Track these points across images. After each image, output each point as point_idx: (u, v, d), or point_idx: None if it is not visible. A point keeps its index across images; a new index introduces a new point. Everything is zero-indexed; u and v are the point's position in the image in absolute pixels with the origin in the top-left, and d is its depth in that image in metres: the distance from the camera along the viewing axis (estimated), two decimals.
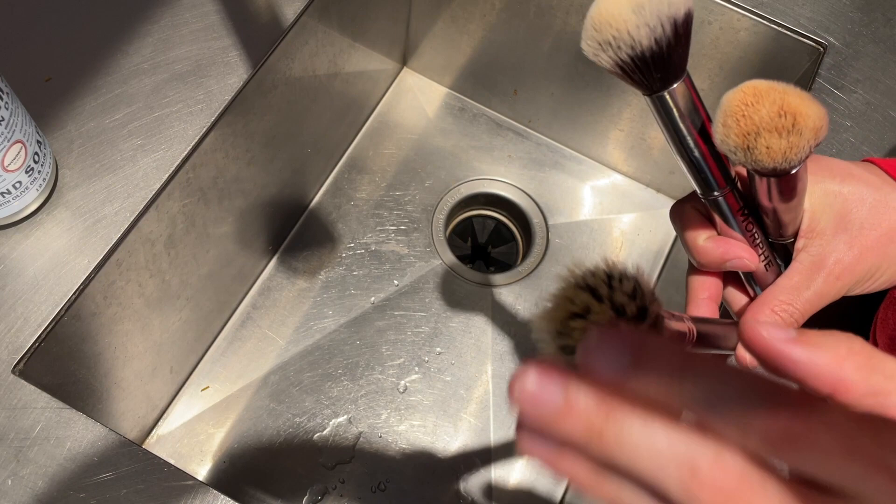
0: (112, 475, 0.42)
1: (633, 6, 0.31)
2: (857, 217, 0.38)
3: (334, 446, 0.66)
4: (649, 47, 0.31)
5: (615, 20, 0.31)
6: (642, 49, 0.32)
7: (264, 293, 0.72)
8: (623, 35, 0.31)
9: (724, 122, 0.32)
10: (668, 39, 0.32)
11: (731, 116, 0.31)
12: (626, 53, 0.32)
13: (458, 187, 0.79)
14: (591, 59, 0.33)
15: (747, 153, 0.32)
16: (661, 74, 0.33)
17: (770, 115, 0.31)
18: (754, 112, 0.31)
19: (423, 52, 0.82)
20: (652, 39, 0.31)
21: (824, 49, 0.60)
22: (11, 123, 0.43)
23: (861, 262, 0.37)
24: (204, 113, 0.53)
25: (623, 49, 0.31)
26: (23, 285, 0.46)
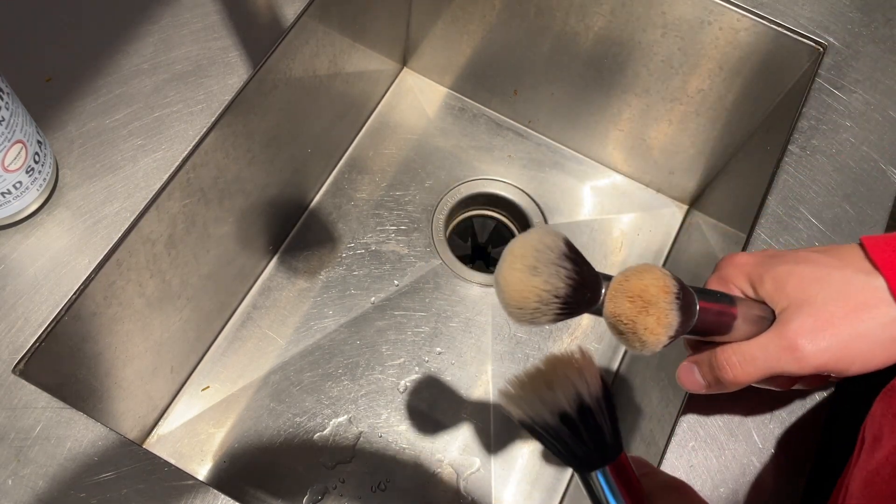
0: (112, 475, 0.42)
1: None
2: (821, 294, 0.39)
3: (334, 446, 0.67)
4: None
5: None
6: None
7: (265, 293, 0.72)
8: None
9: (616, 334, 0.35)
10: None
11: (615, 327, 0.35)
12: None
13: (458, 187, 0.79)
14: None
15: (644, 344, 0.35)
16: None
17: (626, 307, 0.34)
18: (618, 312, 0.35)
19: (423, 52, 0.82)
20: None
21: (824, 49, 0.60)
22: (12, 124, 0.43)
23: (826, 333, 0.39)
24: (204, 113, 0.53)
25: None
26: (23, 285, 0.46)
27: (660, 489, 0.35)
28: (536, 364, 0.34)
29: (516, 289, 0.33)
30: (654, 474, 0.38)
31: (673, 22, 0.63)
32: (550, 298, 0.33)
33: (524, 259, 0.33)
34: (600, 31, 0.68)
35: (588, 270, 0.35)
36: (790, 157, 0.55)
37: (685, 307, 0.35)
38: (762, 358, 0.39)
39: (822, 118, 0.57)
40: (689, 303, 0.36)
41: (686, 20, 0.63)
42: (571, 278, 0.34)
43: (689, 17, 0.63)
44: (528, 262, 0.33)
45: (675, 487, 0.36)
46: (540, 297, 0.33)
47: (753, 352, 0.39)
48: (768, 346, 0.39)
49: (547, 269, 0.33)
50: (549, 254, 0.34)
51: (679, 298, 0.34)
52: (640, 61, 0.68)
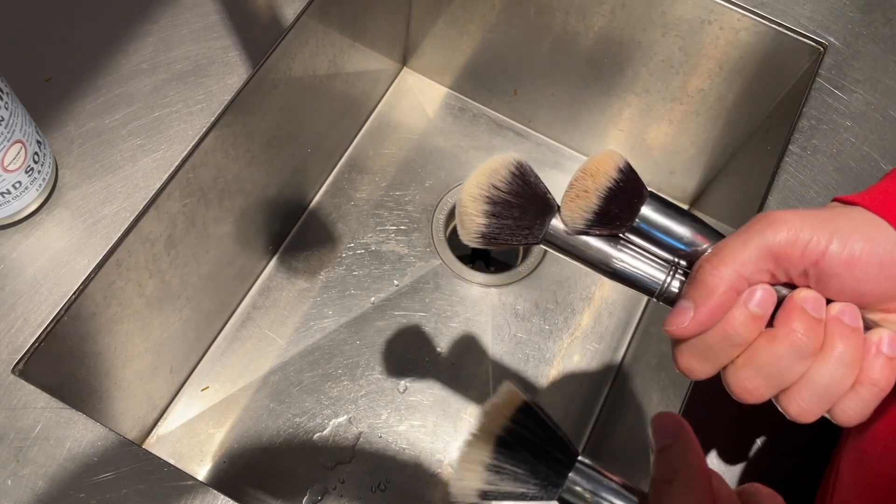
0: (112, 475, 0.42)
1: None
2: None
3: (334, 446, 0.66)
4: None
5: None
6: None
7: (264, 293, 0.72)
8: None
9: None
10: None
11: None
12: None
13: (458, 187, 0.79)
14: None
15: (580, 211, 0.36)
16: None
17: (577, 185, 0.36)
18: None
19: (423, 52, 0.82)
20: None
21: (824, 49, 0.60)
22: (11, 123, 0.43)
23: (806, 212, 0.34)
24: (204, 113, 0.53)
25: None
26: (23, 285, 0.46)
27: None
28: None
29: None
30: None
31: (673, 21, 0.63)
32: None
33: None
34: (600, 30, 0.68)
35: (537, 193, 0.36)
36: (790, 156, 0.55)
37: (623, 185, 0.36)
38: (733, 240, 0.34)
39: (823, 118, 0.57)
40: (627, 185, 0.36)
41: (686, 20, 0.63)
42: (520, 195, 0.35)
43: (689, 17, 0.62)
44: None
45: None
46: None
47: (725, 240, 0.35)
48: (739, 230, 0.35)
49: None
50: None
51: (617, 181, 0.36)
52: (640, 61, 0.68)
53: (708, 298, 0.33)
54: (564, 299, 0.75)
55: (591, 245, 0.36)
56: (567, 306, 0.74)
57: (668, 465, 0.31)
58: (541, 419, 0.32)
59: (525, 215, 0.35)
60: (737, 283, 0.33)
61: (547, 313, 0.74)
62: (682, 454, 0.32)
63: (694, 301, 0.34)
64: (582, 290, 0.75)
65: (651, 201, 0.36)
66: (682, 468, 0.31)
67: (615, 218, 0.35)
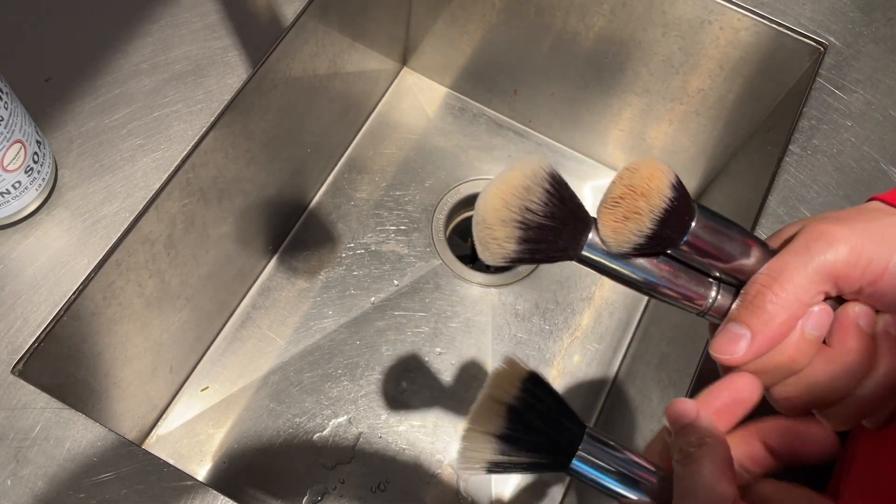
0: (112, 475, 0.42)
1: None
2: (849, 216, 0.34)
3: (334, 446, 0.66)
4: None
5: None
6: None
7: (264, 293, 0.72)
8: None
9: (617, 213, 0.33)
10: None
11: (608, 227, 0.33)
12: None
13: (458, 187, 0.79)
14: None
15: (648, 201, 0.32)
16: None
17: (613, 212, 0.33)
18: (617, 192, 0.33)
19: (423, 52, 0.82)
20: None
21: (825, 49, 0.60)
22: (11, 123, 0.43)
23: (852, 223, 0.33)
24: (204, 113, 0.53)
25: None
26: (22, 285, 0.46)
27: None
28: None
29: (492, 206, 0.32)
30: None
31: (673, 21, 0.63)
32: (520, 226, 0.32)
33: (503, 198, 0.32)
34: (600, 30, 0.68)
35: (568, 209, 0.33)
36: (791, 156, 0.55)
37: (676, 204, 0.32)
38: (792, 261, 0.32)
39: (823, 118, 0.57)
40: (678, 203, 0.33)
41: (686, 20, 0.63)
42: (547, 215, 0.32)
43: (689, 17, 0.62)
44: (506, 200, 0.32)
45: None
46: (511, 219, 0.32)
47: (782, 260, 0.33)
48: (794, 248, 0.33)
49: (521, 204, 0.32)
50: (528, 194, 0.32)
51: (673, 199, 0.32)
52: (640, 61, 0.68)
53: (767, 327, 0.32)
54: (564, 299, 0.75)
55: (633, 263, 0.33)
56: (567, 306, 0.74)
57: (691, 437, 0.32)
58: (550, 389, 0.32)
59: (560, 236, 0.32)
60: (797, 311, 0.32)
61: (547, 313, 0.74)
62: (705, 426, 0.32)
63: (750, 328, 0.32)
64: (582, 290, 0.75)
65: (699, 216, 0.33)
66: (707, 437, 0.31)
67: (666, 240, 0.32)
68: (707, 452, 0.31)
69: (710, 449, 0.31)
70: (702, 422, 0.32)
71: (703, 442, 0.31)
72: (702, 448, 0.31)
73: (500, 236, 0.32)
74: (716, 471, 0.31)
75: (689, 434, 0.32)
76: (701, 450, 0.31)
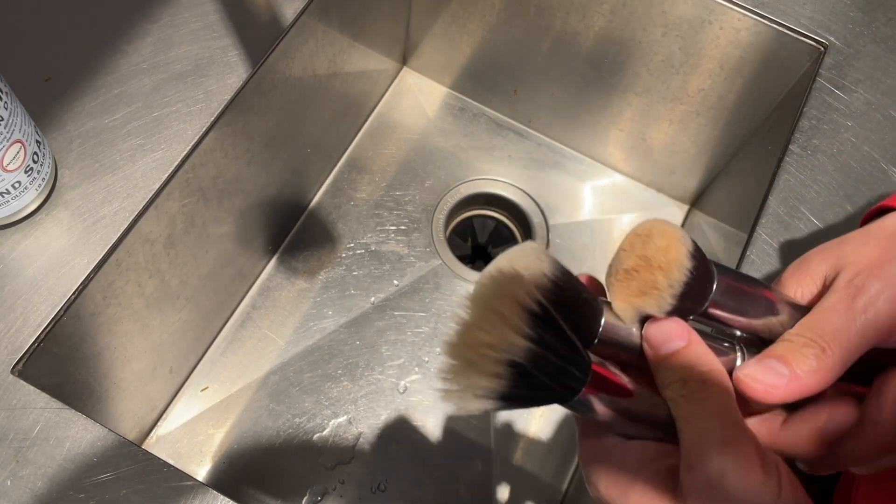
0: (111, 476, 0.42)
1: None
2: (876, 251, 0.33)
3: (334, 447, 0.66)
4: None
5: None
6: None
7: (264, 293, 0.72)
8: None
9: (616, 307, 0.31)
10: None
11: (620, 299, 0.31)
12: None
13: (458, 187, 0.79)
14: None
15: (667, 277, 0.30)
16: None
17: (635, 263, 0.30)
18: (627, 264, 0.30)
19: (423, 52, 0.82)
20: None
21: (825, 49, 0.60)
22: (11, 123, 0.43)
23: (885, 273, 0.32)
24: (203, 113, 0.53)
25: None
26: (22, 285, 0.46)
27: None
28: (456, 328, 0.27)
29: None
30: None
31: (673, 21, 0.63)
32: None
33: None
34: (601, 30, 0.68)
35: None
36: (791, 156, 0.55)
37: (698, 270, 0.30)
38: (838, 316, 0.31)
39: (823, 118, 0.56)
40: (701, 270, 0.30)
41: (686, 19, 0.63)
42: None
43: (689, 17, 0.62)
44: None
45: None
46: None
47: (823, 315, 0.31)
48: (836, 303, 0.31)
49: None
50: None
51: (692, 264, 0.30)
52: (640, 61, 0.68)
53: (811, 377, 0.30)
54: None
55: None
56: None
57: (687, 368, 0.29)
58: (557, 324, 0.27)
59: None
60: (840, 372, 0.31)
61: None
62: (703, 354, 0.30)
63: (792, 370, 0.30)
64: None
65: (720, 280, 0.31)
66: (709, 367, 0.29)
67: (686, 311, 0.31)
68: (714, 387, 0.29)
69: (717, 383, 0.29)
70: (696, 348, 0.30)
71: (709, 374, 0.29)
72: (708, 380, 0.29)
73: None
74: (731, 406, 0.29)
75: (684, 363, 0.29)
76: (707, 383, 0.29)
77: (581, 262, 0.76)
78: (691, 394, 0.29)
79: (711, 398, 0.29)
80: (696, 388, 0.29)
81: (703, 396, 0.29)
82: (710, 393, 0.29)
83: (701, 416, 0.28)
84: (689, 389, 0.29)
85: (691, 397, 0.29)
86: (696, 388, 0.29)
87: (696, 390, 0.29)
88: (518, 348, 0.26)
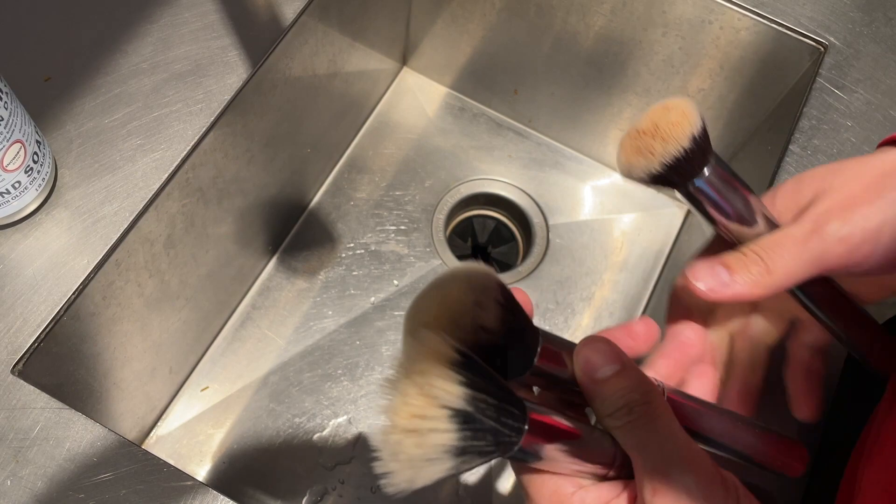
0: (111, 476, 0.42)
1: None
2: (838, 179, 0.35)
3: (334, 447, 0.66)
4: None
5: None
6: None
7: (264, 293, 0.72)
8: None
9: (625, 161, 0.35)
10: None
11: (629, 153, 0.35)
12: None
13: (458, 187, 0.79)
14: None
15: (664, 143, 0.34)
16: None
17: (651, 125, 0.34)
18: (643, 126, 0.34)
19: (423, 52, 0.82)
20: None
21: (825, 49, 0.60)
22: (11, 123, 0.43)
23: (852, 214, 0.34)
24: (203, 113, 0.53)
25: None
26: (22, 285, 0.46)
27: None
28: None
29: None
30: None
31: (674, 21, 0.63)
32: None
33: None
34: (601, 30, 0.68)
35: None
36: (791, 156, 0.55)
37: (697, 148, 0.34)
38: (791, 245, 0.34)
39: (824, 118, 0.56)
40: (698, 150, 0.34)
41: (687, 19, 0.63)
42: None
43: (689, 17, 0.62)
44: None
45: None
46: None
47: (779, 239, 0.34)
48: (795, 233, 0.34)
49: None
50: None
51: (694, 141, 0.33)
52: (640, 60, 0.68)
53: (750, 287, 0.34)
54: (564, 299, 0.75)
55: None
56: (567, 306, 0.74)
57: (628, 393, 0.29)
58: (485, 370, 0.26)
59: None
60: (777, 291, 0.34)
61: (547, 313, 0.74)
62: (640, 377, 0.29)
63: (734, 279, 0.34)
64: (582, 290, 0.75)
65: (714, 168, 0.35)
66: (648, 388, 0.29)
67: (671, 183, 0.35)
68: (660, 415, 0.29)
69: (662, 412, 0.29)
70: (632, 374, 0.29)
71: (650, 403, 0.29)
72: (650, 408, 0.29)
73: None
74: (677, 426, 0.29)
75: (623, 389, 0.29)
76: (651, 409, 0.28)
77: (581, 262, 0.76)
78: (638, 420, 0.29)
79: (660, 420, 0.29)
80: (643, 412, 0.29)
81: (650, 420, 0.29)
82: (657, 415, 0.29)
83: (655, 440, 0.28)
84: (636, 415, 0.29)
85: (638, 423, 0.29)
86: (643, 412, 0.29)
87: (643, 415, 0.29)
88: (453, 396, 0.26)
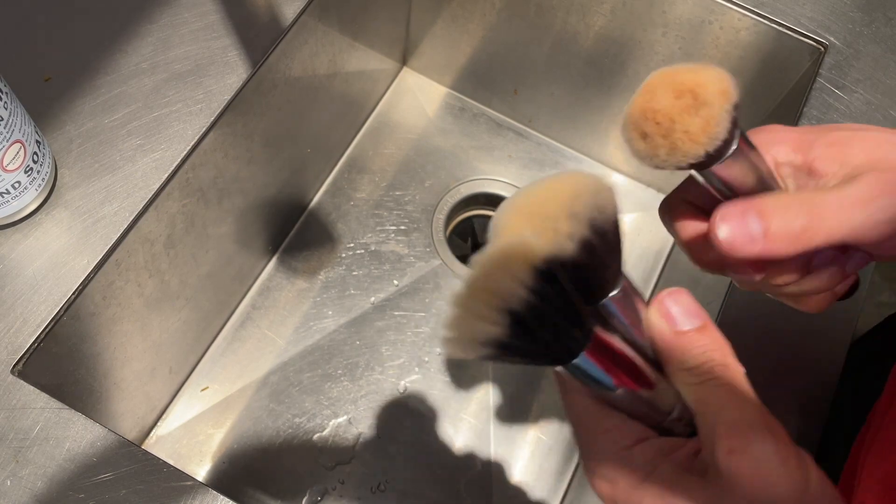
0: (111, 476, 0.42)
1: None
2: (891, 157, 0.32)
3: (334, 447, 0.66)
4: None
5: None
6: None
7: (264, 293, 0.72)
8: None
9: (635, 136, 0.30)
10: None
11: (639, 125, 0.30)
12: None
13: (458, 187, 0.79)
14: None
15: (672, 152, 0.29)
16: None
17: (669, 102, 0.29)
18: (656, 106, 0.29)
19: (423, 52, 0.82)
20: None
21: (825, 49, 0.60)
22: (10, 123, 0.43)
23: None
24: (203, 113, 0.53)
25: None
26: (22, 285, 0.46)
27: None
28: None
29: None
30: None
31: (674, 21, 0.63)
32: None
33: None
34: (601, 30, 0.68)
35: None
36: None
37: (735, 127, 0.29)
38: (849, 205, 0.31)
39: (824, 118, 0.56)
40: (737, 125, 0.29)
41: (687, 19, 0.63)
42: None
43: (689, 17, 0.62)
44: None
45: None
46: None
47: (838, 196, 0.31)
48: (854, 193, 0.31)
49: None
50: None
51: (735, 111, 0.28)
52: (640, 60, 0.68)
53: (787, 244, 0.31)
54: None
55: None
56: None
57: (710, 351, 0.28)
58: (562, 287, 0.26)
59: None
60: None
61: None
62: (720, 337, 0.29)
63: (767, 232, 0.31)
64: None
65: (741, 144, 0.31)
66: (728, 350, 0.28)
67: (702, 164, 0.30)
68: (737, 370, 0.28)
69: (737, 375, 0.28)
70: (714, 334, 0.29)
71: (727, 367, 0.28)
72: (728, 371, 0.28)
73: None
74: (754, 393, 0.28)
75: (701, 346, 0.28)
76: (729, 373, 0.28)
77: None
78: (719, 379, 0.28)
79: (739, 383, 0.28)
80: (722, 372, 0.28)
81: (730, 381, 0.28)
82: (737, 377, 0.28)
83: (735, 402, 0.27)
84: (715, 374, 0.28)
85: (719, 382, 0.28)
86: (722, 372, 0.28)
87: (723, 375, 0.28)
88: (518, 299, 0.25)
